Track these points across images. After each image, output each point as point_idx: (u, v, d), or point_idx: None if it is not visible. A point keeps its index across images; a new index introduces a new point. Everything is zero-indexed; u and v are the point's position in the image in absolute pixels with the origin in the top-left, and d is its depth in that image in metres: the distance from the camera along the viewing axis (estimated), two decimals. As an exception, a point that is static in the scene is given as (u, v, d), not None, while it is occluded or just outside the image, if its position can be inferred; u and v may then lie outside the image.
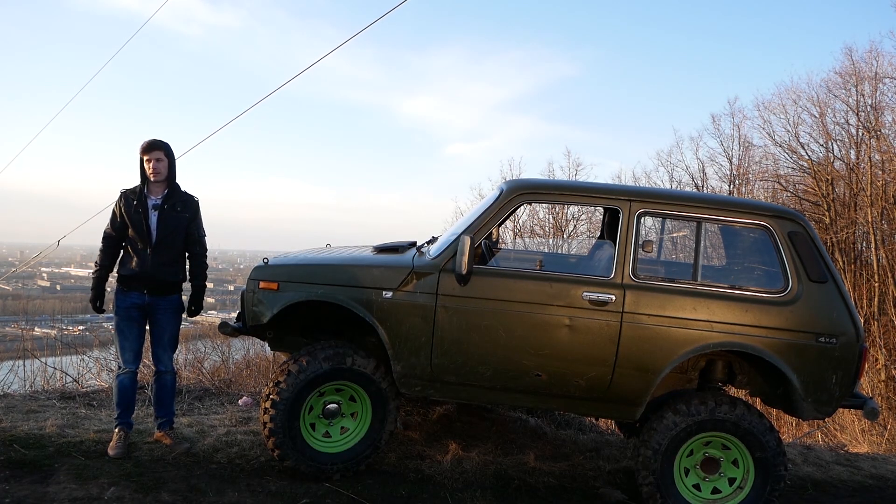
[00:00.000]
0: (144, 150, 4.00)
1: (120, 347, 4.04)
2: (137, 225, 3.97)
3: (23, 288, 30.33)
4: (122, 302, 4.01)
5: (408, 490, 3.89)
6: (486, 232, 3.93)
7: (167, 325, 4.12)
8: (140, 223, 3.97)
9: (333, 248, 4.72)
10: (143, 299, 4.02)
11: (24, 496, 3.44)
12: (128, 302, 4.01)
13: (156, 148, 4.01)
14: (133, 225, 3.98)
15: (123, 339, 4.03)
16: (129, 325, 4.02)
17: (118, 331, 4.02)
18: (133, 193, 4.03)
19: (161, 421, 4.25)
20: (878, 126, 18.10)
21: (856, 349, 3.69)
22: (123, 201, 4.01)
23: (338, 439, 4.00)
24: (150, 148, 4.00)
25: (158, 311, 4.07)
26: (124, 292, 4.01)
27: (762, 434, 3.70)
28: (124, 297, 4.01)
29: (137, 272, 3.98)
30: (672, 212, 3.92)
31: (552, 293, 3.76)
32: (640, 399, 3.77)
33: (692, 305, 3.72)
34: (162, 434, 4.22)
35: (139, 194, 4.02)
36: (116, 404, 4.08)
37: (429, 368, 3.85)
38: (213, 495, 3.62)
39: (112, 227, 4.02)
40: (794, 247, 3.78)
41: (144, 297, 4.01)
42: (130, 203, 3.99)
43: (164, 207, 4.01)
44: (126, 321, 4.02)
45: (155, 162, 3.98)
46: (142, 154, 4.00)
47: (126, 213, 3.98)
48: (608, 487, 4.25)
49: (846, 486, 4.89)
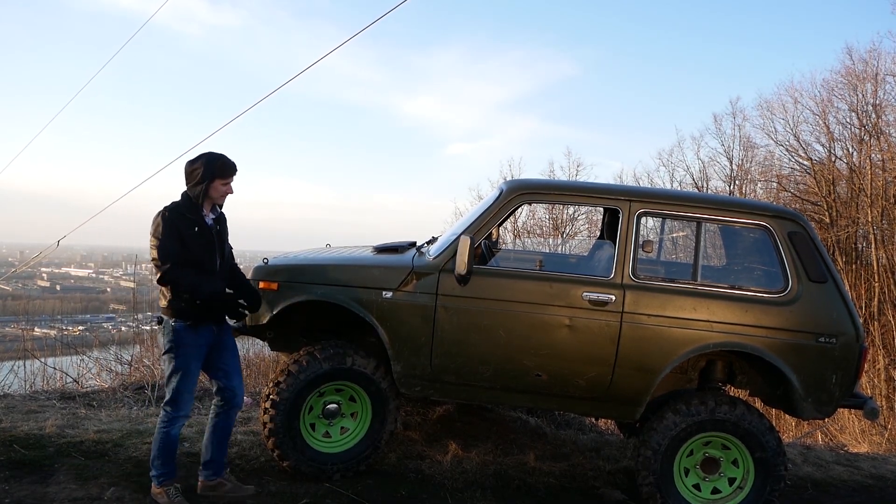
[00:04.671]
0: (226, 174, 3.44)
1: (181, 391, 3.41)
2: (205, 248, 3.40)
3: (23, 288, 30.35)
4: (192, 339, 3.39)
5: (408, 490, 3.90)
6: (486, 232, 3.93)
7: (236, 349, 3.67)
8: (207, 246, 3.42)
9: (333, 248, 4.73)
10: (213, 331, 3.50)
11: (24, 496, 3.44)
12: (200, 339, 3.43)
13: (236, 172, 3.51)
14: (200, 248, 3.38)
15: (188, 381, 3.43)
16: (197, 364, 3.46)
17: (183, 372, 3.39)
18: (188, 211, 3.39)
19: (224, 462, 3.70)
20: (879, 125, 18.10)
21: (856, 349, 3.69)
22: (180, 221, 3.34)
23: (338, 439, 3.99)
24: (233, 172, 3.48)
25: (225, 335, 3.60)
26: (193, 328, 3.39)
27: (762, 434, 3.70)
28: (195, 333, 3.39)
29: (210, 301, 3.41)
30: (672, 212, 3.92)
31: (552, 293, 3.76)
32: (640, 399, 3.77)
33: (692, 305, 3.72)
34: (219, 480, 3.63)
35: (197, 213, 3.41)
36: (165, 461, 3.45)
37: (429, 368, 3.85)
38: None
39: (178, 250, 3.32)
40: (793, 247, 3.77)
41: (213, 329, 3.50)
42: (191, 223, 3.37)
43: (216, 228, 3.52)
44: (196, 360, 3.44)
45: (230, 186, 3.50)
46: (221, 177, 3.42)
47: (188, 235, 3.34)
48: (608, 487, 4.26)
49: (846, 486, 4.89)
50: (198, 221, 3.39)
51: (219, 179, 3.42)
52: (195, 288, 3.32)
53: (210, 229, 3.44)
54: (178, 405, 3.42)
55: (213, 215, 3.50)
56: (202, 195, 3.40)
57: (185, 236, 3.33)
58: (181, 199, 3.42)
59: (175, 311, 3.36)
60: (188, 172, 3.41)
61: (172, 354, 3.38)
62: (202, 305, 3.38)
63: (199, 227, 3.39)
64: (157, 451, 3.44)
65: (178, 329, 3.36)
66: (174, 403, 3.42)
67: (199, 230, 3.38)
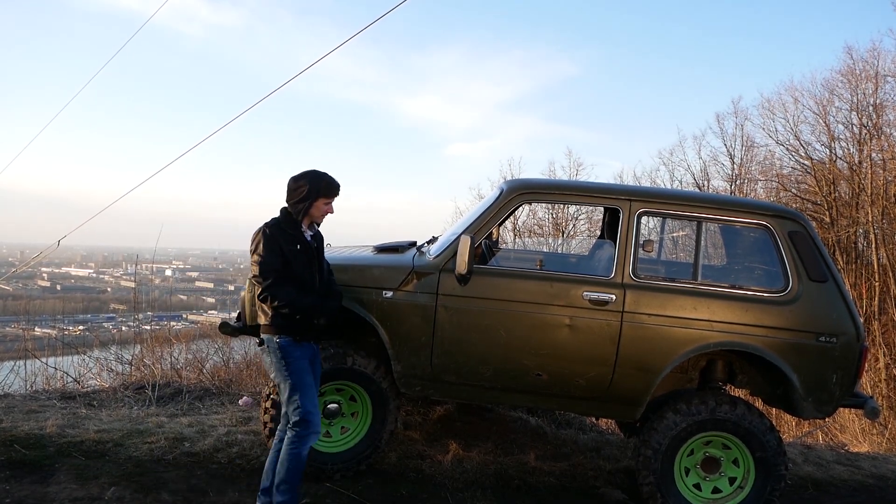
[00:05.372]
0: (330, 193, 3.40)
1: (308, 409, 3.29)
2: (305, 264, 3.37)
3: (23, 288, 30.34)
4: (299, 353, 3.34)
5: (408, 490, 3.90)
6: (486, 232, 3.93)
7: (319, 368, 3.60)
8: (307, 262, 3.39)
9: (333, 247, 4.72)
10: (313, 348, 3.46)
11: (24, 496, 3.44)
12: (306, 353, 3.38)
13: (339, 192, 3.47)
14: (301, 264, 3.34)
15: (310, 395, 3.33)
16: (310, 378, 3.37)
17: (303, 388, 3.30)
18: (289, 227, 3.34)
19: None
20: (879, 125, 18.09)
21: (856, 348, 3.69)
22: (282, 237, 3.30)
23: (338, 439, 4.00)
24: (336, 192, 3.43)
25: (318, 355, 3.55)
26: (298, 343, 3.34)
27: (762, 433, 3.70)
28: (300, 348, 3.35)
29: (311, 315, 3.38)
30: (672, 211, 3.92)
31: (552, 293, 3.76)
32: (641, 399, 3.77)
33: (692, 305, 3.72)
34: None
35: (297, 229, 3.37)
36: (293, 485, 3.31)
37: (429, 368, 3.85)
38: (214, 495, 3.63)
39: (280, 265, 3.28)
40: (794, 246, 3.77)
41: (313, 346, 3.45)
42: (291, 239, 3.33)
43: (314, 244, 3.47)
44: (308, 374, 3.35)
45: (331, 206, 3.46)
46: (325, 196, 3.37)
47: (289, 251, 3.30)
48: (609, 487, 4.25)
49: (847, 485, 4.88)
50: (298, 238, 3.35)
51: (322, 198, 3.38)
52: (296, 303, 3.27)
53: (309, 245, 3.40)
54: (308, 423, 3.30)
55: (310, 232, 3.45)
56: (303, 212, 3.36)
57: (287, 252, 3.29)
58: (281, 215, 3.37)
59: (278, 327, 3.30)
60: (292, 189, 3.34)
61: (286, 372, 3.29)
62: (303, 320, 3.34)
63: (301, 244, 3.35)
64: (284, 475, 3.27)
65: (283, 345, 3.30)
66: (304, 423, 3.28)
67: (300, 247, 3.34)
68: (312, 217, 3.41)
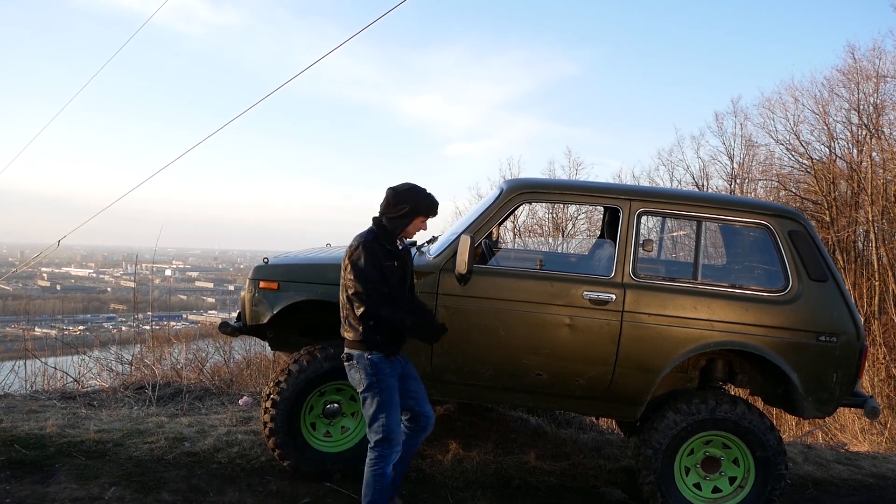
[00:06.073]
0: (430, 213, 3.35)
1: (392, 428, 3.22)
2: (399, 279, 3.31)
3: (23, 288, 30.33)
4: (390, 370, 3.27)
5: (408, 489, 3.89)
6: (486, 231, 3.93)
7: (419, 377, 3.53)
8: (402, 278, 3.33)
9: (333, 247, 4.72)
10: (401, 361, 3.40)
11: (24, 496, 3.45)
12: (395, 370, 3.33)
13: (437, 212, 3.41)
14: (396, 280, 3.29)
15: (396, 414, 3.26)
16: (397, 396, 3.31)
17: (391, 407, 3.24)
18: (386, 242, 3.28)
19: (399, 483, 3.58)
20: (879, 125, 18.09)
21: (856, 348, 3.69)
22: (381, 251, 3.24)
23: (338, 439, 4.00)
24: (436, 212, 3.39)
25: (408, 364, 3.47)
26: (389, 359, 3.28)
27: (763, 433, 3.70)
28: (390, 365, 3.28)
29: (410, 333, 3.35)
30: (672, 211, 3.92)
31: (553, 292, 3.76)
32: (641, 398, 3.77)
33: (692, 304, 3.72)
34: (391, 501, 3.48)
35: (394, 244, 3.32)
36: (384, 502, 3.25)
37: (429, 368, 3.85)
38: (214, 495, 3.63)
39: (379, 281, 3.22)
40: (794, 246, 3.77)
41: (401, 359, 3.39)
42: (389, 254, 3.27)
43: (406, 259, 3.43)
44: (396, 392, 3.30)
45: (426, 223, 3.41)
46: (425, 215, 3.33)
47: (386, 267, 3.24)
48: (609, 486, 4.26)
49: (847, 484, 4.88)
50: (395, 253, 3.30)
51: (422, 217, 3.32)
52: (397, 320, 3.21)
53: (405, 261, 3.36)
54: (391, 442, 3.22)
55: (401, 246, 3.38)
56: (401, 228, 3.29)
57: (384, 268, 3.23)
58: (378, 229, 3.29)
59: (370, 343, 3.21)
60: (392, 203, 3.26)
61: (376, 390, 3.21)
62: (396, 337, 3.29)
63: (398, 260, 3.30)
64: (373, 496, 3.22)
65: (375, 362, 3.22)
66: (386, 442, 3.21)
67: (397, 263, 3.29)
68: (408, 234, 3.36)
